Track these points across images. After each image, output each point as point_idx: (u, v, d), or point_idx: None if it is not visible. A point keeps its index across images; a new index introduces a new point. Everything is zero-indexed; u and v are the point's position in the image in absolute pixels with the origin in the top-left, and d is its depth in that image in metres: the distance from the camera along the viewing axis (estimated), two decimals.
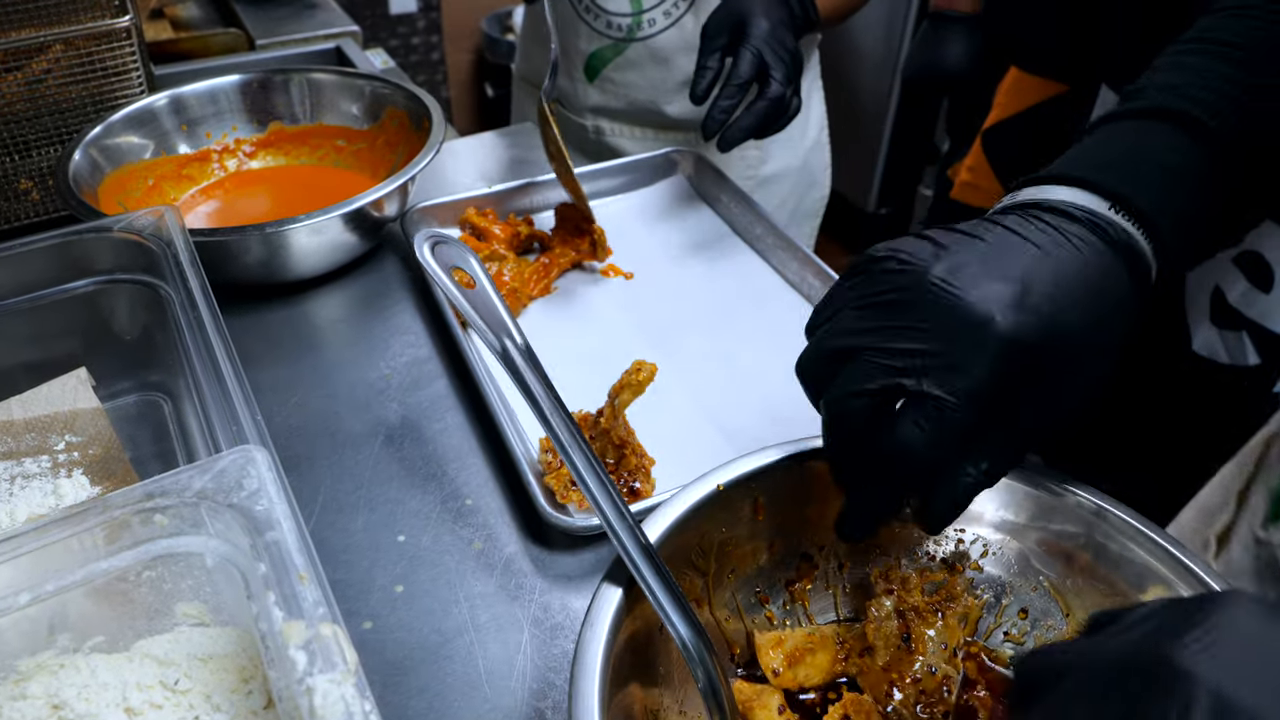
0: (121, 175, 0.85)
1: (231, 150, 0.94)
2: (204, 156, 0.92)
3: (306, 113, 0.95)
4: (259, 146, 0.95)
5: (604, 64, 1.03)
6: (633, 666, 0.43)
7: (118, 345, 0.66)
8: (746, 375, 0.70)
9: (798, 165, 1.11)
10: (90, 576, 0.41)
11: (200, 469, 0.43)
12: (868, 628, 0.50)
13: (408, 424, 0.66)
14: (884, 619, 0.50)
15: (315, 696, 0.33)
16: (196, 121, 0.93)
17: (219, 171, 0.93)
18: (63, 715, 0.40)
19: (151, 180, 0.88)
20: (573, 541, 0.57)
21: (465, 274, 0.56)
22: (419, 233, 0.58)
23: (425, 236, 0.58)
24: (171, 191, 0.90)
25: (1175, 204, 0.44)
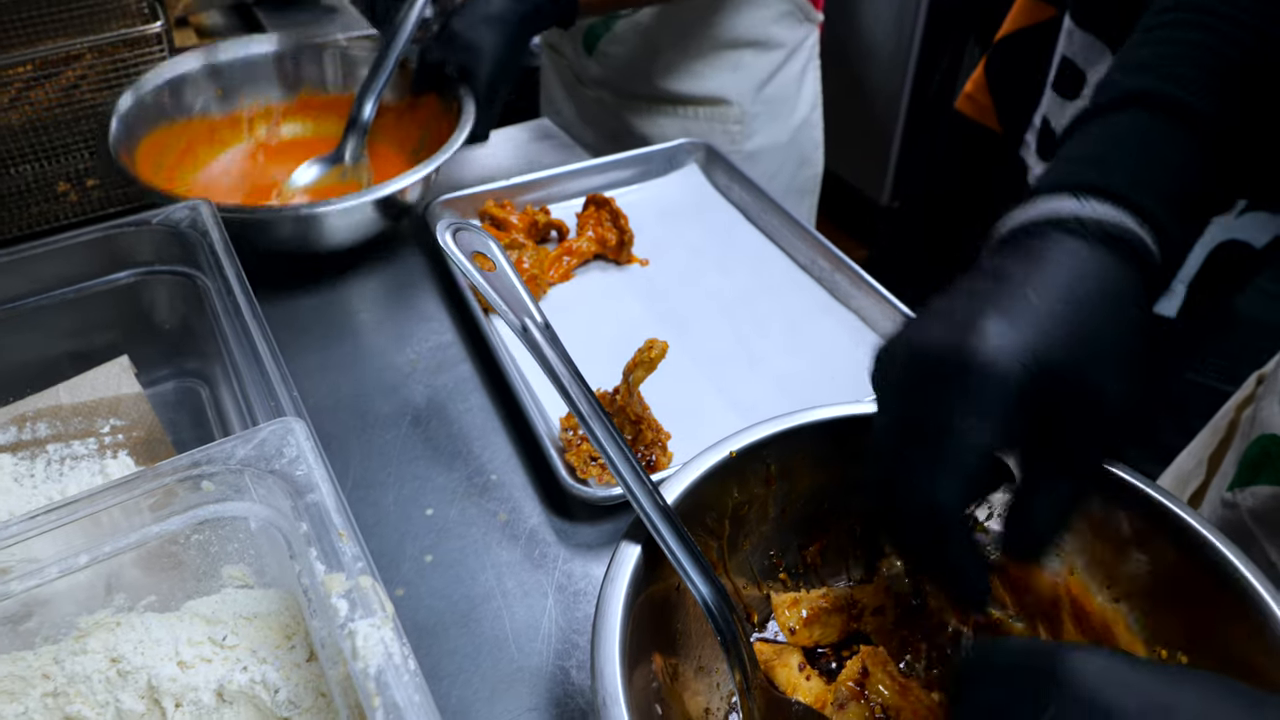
0: (157, 138, 0.88)
1: (263, 116, 0.97)
2: (235, 121, 0.95)
3: (337, 81, 0.98)
4: (289, 113, 0.97)
5: (597, 39, 1.07)
6: (652, 626, 0.46)
7: (157, 334, 0.69)
8: (759, 353, 0.72)
9: (784, 141, 1.14)
10: (143, 540, 0.44)
11: (243, 439, 0.46)
12: (880, 587, 0.52)
13: (433, 405, 0.68)
14: (895, 578, 0.52)
15: (357, 639, 0.36)
16: (230, 87, 0.96)
17: (249, 138, 0.96)
18: (121, 667, 0.43)
19: (184, 143, 0.91)
20: (593, 513, 0.60)
21: (486, 258, 0.59)
22: (441, 221, 0.61)
23: (447, 225, 0.60)
24: (204, 155, 0.93)
25: (1181, 203, 0.44)
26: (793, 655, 0.50)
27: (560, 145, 1.03)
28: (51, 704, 0.42)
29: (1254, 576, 0.42)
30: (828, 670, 0.51)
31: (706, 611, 0.44)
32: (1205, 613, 0.44)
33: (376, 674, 0.35)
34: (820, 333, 0.75)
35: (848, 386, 0.69)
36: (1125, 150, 0.45)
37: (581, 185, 0.90)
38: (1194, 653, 0.44)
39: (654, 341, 0.60)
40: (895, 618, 0.52)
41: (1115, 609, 0.47)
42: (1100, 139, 0.47)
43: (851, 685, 0.47)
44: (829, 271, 0.79)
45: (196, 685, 0.42)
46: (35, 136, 0.88)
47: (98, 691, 0.42)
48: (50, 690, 0.42)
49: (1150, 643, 0.45)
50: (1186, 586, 0.44)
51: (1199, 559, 0.43)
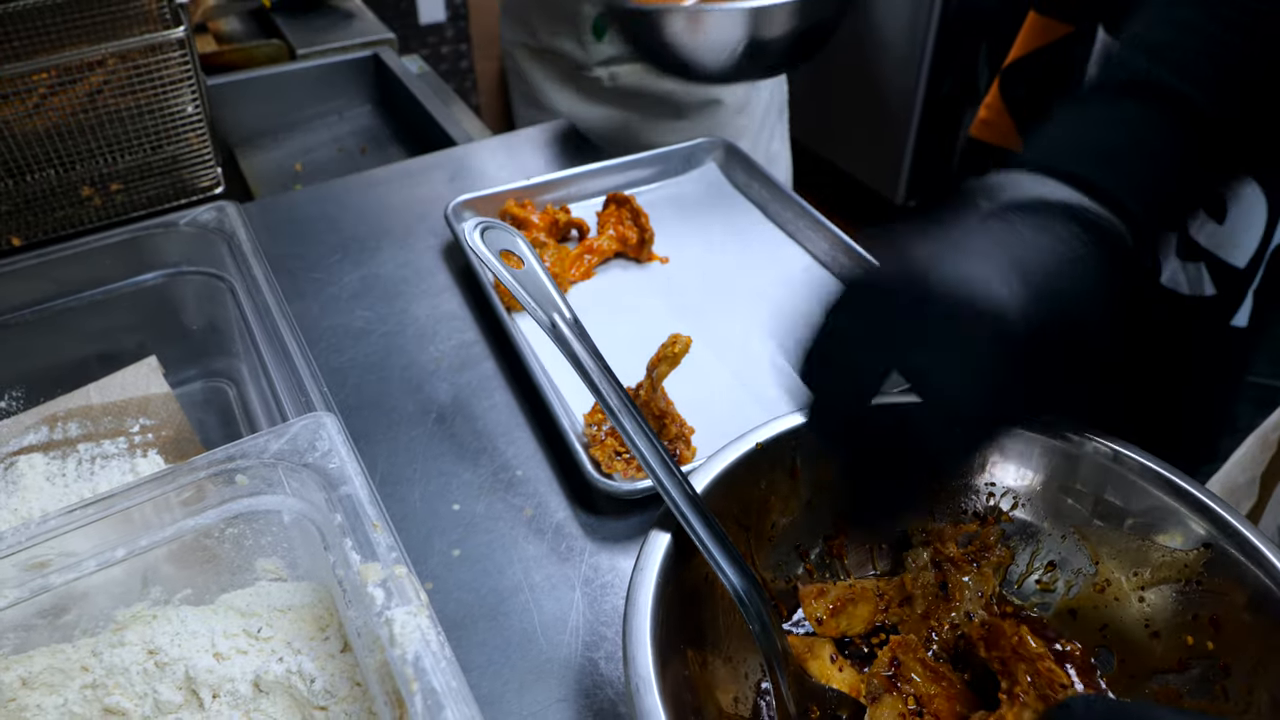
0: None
1: None
2: None
3: None
4: None
5: (608, 24, 1.07)
6: (680, 617, 0.46)
7: (185, 335, 0.70)
8: (781, 348, 0.72)
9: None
10: (178, 534, 0.45)
11: (276, 434, 0.46)
12: (906, 578, 0.52)
13: (458, 403, 0.69)
14: (921, 569, 0.52)
15: (394, 626, 0.36)
16: None
17: None
18: (158, 659, 0.43)
19: None
20: (619, 507, 0.60)
21: (513, 256, 0.59)
22: (467, 221, 0.61)
23: (475, 224, 0.61)
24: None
25: (1157, 191, 0.45)
26: (824, 646, 0.50)
27: (579, 145, 1.03)
28: (90, 695, 0.43)
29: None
30: (859, 656, 0.51)
31: (738, 600, 0.44)
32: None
33: (414, 660, 0.35)
34: None
35: None
36: (1114, 141, 0.45)
37: (601, 184, 0.90)
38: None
39: (677, 336, 0.60)
40: (923, 609, 0.52)
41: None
42: (1091, 124, 0.47)
43: (884, 675, 0.47)
44: (848, 267, 0.79)
45: (233, 676, 0.43)
46: (59, 142, 0.89)
47: (136, 683, 0.43)
48: (89, 682, 0.43)
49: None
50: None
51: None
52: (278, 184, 1.23)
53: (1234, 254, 0.73)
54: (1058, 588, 0.51)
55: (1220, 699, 0.43)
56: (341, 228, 0.89)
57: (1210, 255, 0.74)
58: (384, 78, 1.35)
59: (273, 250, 0.86)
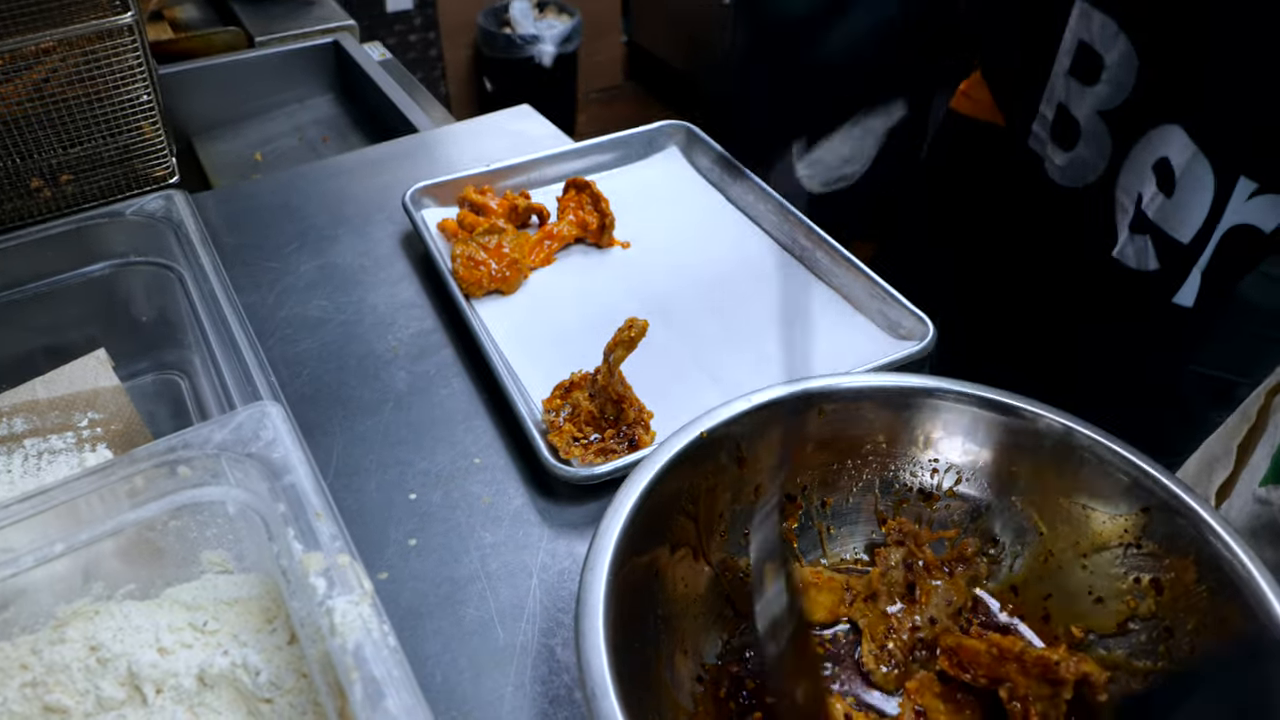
0: None
1: None
2: None
3: None
4: None
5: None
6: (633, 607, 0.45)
7: (134, 327, 0.69)
8: (739, 329, 0.72)
9: None
10: (120, 527, 0.44)
11: (219, 423, 0.45)
12: (874, 574, 0.52)
13: (415, 391, 0.68)
14: (891, 568, 0.52)
15: (335, 615, 0.36)
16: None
17: None
18: (100, 655, 0.42)
19: None
20: (576, 493, 0.60)
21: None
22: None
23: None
24: None
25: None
26: (836, 703, 0.48)
27: (540, 131, 1.02)
28: (30, 694, 0.42)
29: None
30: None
31: None
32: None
33: (355, 649, 0.35)
34: (801, 310, 0.75)
35: (828, 363, 0.69)
36: None
37: (561, 170, 0.90)
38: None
39: (633, 320, 0.59)
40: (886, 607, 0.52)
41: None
42: None
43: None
44: (810, 250, 0.79)
45: (177, 671, 0.42)
46: (6, 133, 0.87)
47: (77, 680, 0.42)
48: (29, 680, 0.42)
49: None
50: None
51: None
52: (237, 175, 1.21)
53: (1179, 229, 0.73)
54: (1003, 563, 0.51)
55: (1165, 660, 0.43)
56: (299, 217, 0.88)
57: (1156, 229, 0.74)
58: (345, 65, 1.33)
59: (229, 240, 0.84)
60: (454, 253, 0.76)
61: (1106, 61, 0.73)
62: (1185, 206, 0.71)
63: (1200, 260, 0.74)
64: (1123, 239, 0.76)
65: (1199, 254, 0.73)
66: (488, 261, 0.75)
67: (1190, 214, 0.72)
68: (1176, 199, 0.71)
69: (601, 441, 0.61)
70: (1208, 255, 0.74)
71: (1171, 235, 0.73)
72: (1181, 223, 0.72)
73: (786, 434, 0.53)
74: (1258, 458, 0.68)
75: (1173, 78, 0.70)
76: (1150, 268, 0.75)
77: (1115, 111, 0.74)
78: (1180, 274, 0.75)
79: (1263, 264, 0.79)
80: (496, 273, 0.75)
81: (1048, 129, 0.80)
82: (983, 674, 0.45)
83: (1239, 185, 0.71)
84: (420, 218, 0.81)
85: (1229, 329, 0.84)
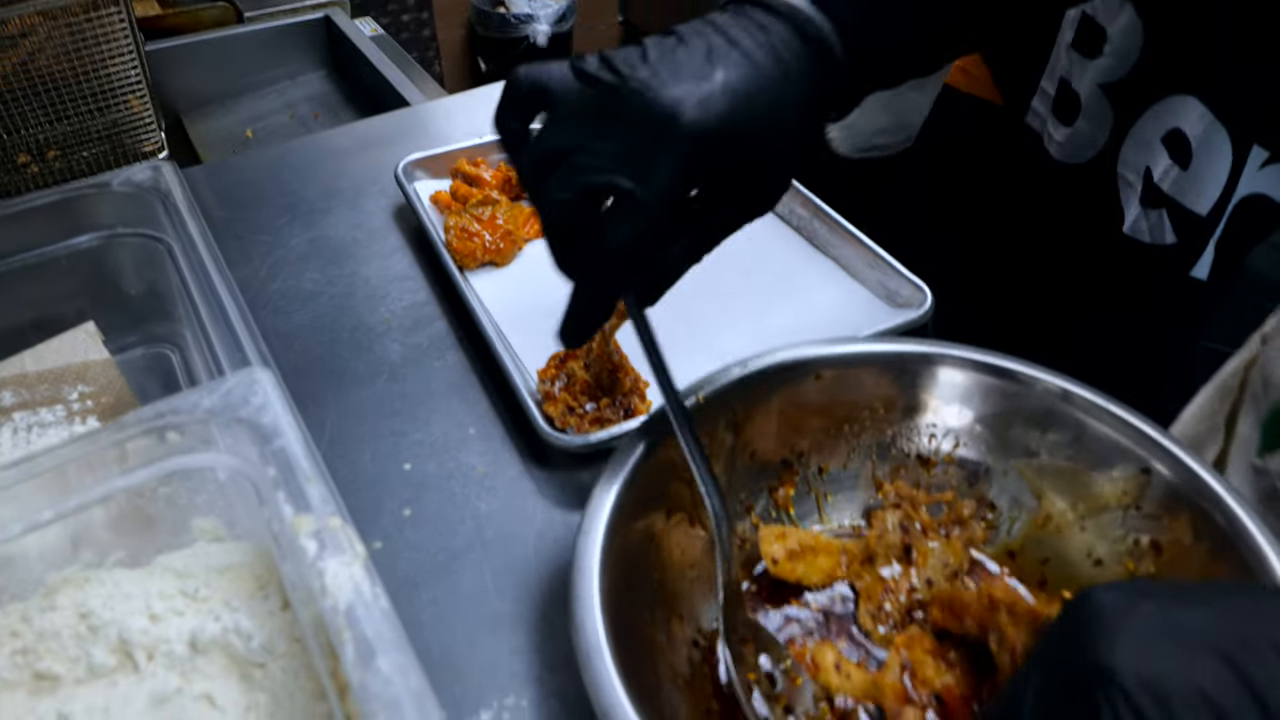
0: None
1: None
2: None
3: None
4: None
5: None
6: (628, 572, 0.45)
7: (124, 300, 0.68)
8: (736, 299, 0.71)
9: None
10: (109, 494, 0.43)
11: (208, 389, 0.45)
12: (871, 538, 0.52)
13: (409, 362, 0.67)
14: (888, 531, 0.52)
15: (326, 577, 0.35)
16: None
17: None
18: (90, 623, 0.42)
19: None
20: (572, 461, 0.59)
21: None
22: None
23: None
24: None
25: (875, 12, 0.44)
26: (826, 652, 0.47)
27: None
28: (21, 661, 0.41)
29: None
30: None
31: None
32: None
33: (346, 610, 0.34)
34: (799, 281, 0.74)
35: (826, 332, 0.68)
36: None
37: None
38: None
39: None
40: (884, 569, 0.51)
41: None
42: None
43: (899, 683, 0.46)
44: (808, 220, 0.78)
45: (169, 637, 0.41)
46: None
47: (68, 647, 0.41)
48: (19, 648, 0.42)
49: None
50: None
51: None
52: (228, 152, 1.20)
53: (1197, 201, 0.72)
54: (1000, 528, 0.50)
55: None
56: (290, 190, 0.87)
57: (1172, 202, 0.73)
58: (336, 41, 1.31)
59: (219, 214, 0.84)
60: (447, 224, 0.75)
61: (1109, 33, 0.72)
62: (1202, 178, 0.71)
63: (1215, 232, 0.74)
64: (1134, 214, 0.75)
65: (1215, 226, 0.73)
66: (481, 233, 0.74)
67: (1207, 185, 0.71)
68: (1193, 171, 0.70)
69: (597, 411, 0.60)
70: (1221, 227, 0.73)
71: (1189, 208, 0.72)
72: (1199, 195, 0.71)
73: (783, 400, 0.52)
74: (1245, 429, 0.67)
75: (1180, 47, 0.69)
76: (1167, 241, 0.74)
77: (1117, 84, 0.73)
78: (1198, 247, 0.74)
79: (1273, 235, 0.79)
80: (490, 244, 0.74)
81: (1048, 104, 0.79)
82: (973, 622, 0.45)
83: (1251, 154, 0.70)
84: (413, 190, 0.80)
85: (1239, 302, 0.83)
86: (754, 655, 0.46)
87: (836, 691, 0.45)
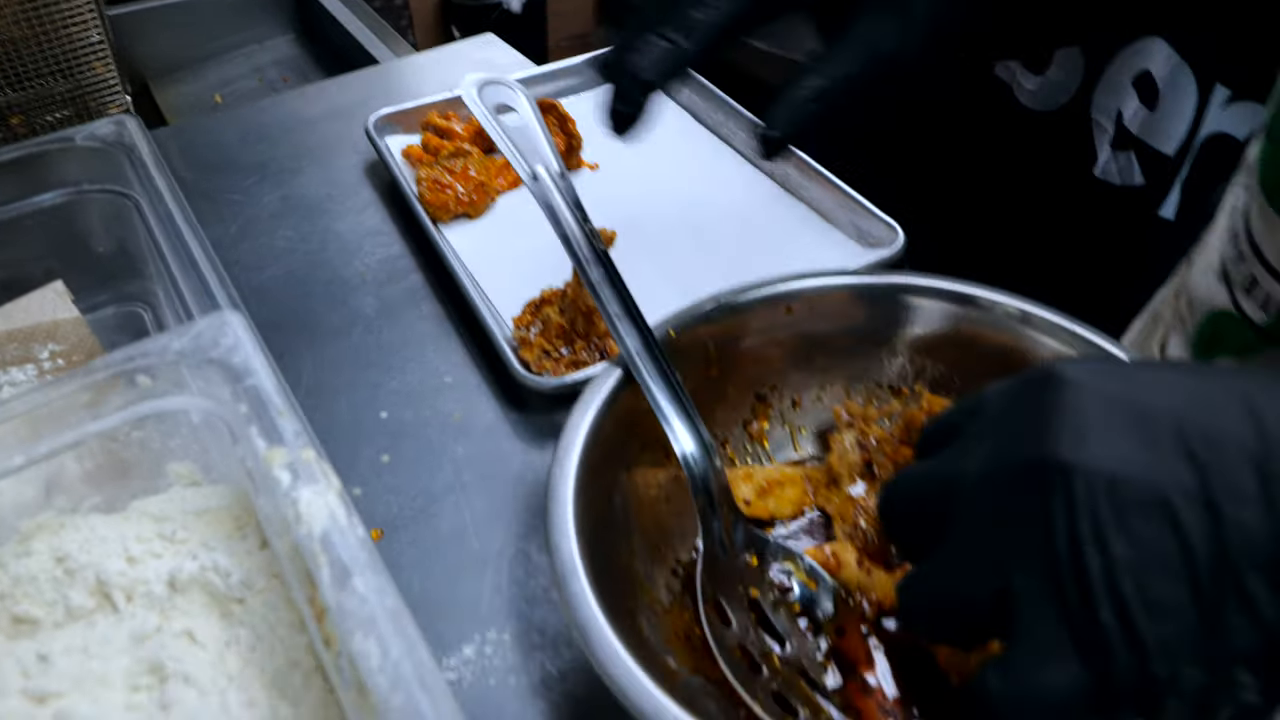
0: None
1: None
2: None
3: None
4: None
5: None
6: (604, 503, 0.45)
7: (93, 258, 0.67)
8: (710, 244, 0.71)
9: None
10: (81, 438, 0.43)
11: (178, 333, 0.44)
12: (832, 460, 0.52)
13: (384, 314, 0.67)
14: (846, 451, 0.52)
15: (300, 505, 0.36)
16: None
17: None
18: (67, 566, 0.42)
19: None
20: (549, 404, 0.59)
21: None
22: (467, 77, 0.62)
23: (473, 81, 0.62)
24: None
25: None
26: (848, 551, 0.48)
27: (506, 60, 1.00)
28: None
29: None
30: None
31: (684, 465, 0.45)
32: None
33: (322, 536, 0.35)
34: (772, 223, 0.74)
35: None
36: None
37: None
38: None
39: (599, 230, 0.59)
40: (850, 488, 0.52)
41: None
42: None
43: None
44: (779, 164, 0.78)
45: (147, 578, 0.42)
46: None
47: (45, 591, 0.41)
48: None
49: None
50: None
51: None
52: (196, 117, 1.18)
53: (1164, 141, 0.73)
54: None
55: None
56: (259, 150, 0.86)
57: (1140, 143, 0.74)
58: (305, 3, 1.29)
59: (187, 175, 0.83)
60: (419, 176, 0.75)
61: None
62: (1168, 117, 0.71)
63: (1181, 172, 0.74)
64: (1104, 157, 0.75)
65: (1181, 166, 0.74)
66: (454, 185, 0.74)
67: (1173, 125, 0.72)
68: (1160, 110, 0.71)
69: (573, 354, 0.60)
70: (1187, 167, 0.74)
71: (1155, 148, 0.73)
72: (1165, 135, 0.72)
73: (755, 334, 0.53)
74: (1175, 352, 0.68)
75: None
76: (1136, 183, 0.75)
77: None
78: (1165, 186, 0.75)
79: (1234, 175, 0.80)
80: (463, 195, 0.74)
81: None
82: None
83: (1215, 93, 0.70)
84: (384, 145, 0.80)
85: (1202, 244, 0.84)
86: (761, 569, 0.46)
87: (857, 588, 0.45)
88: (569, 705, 0.45)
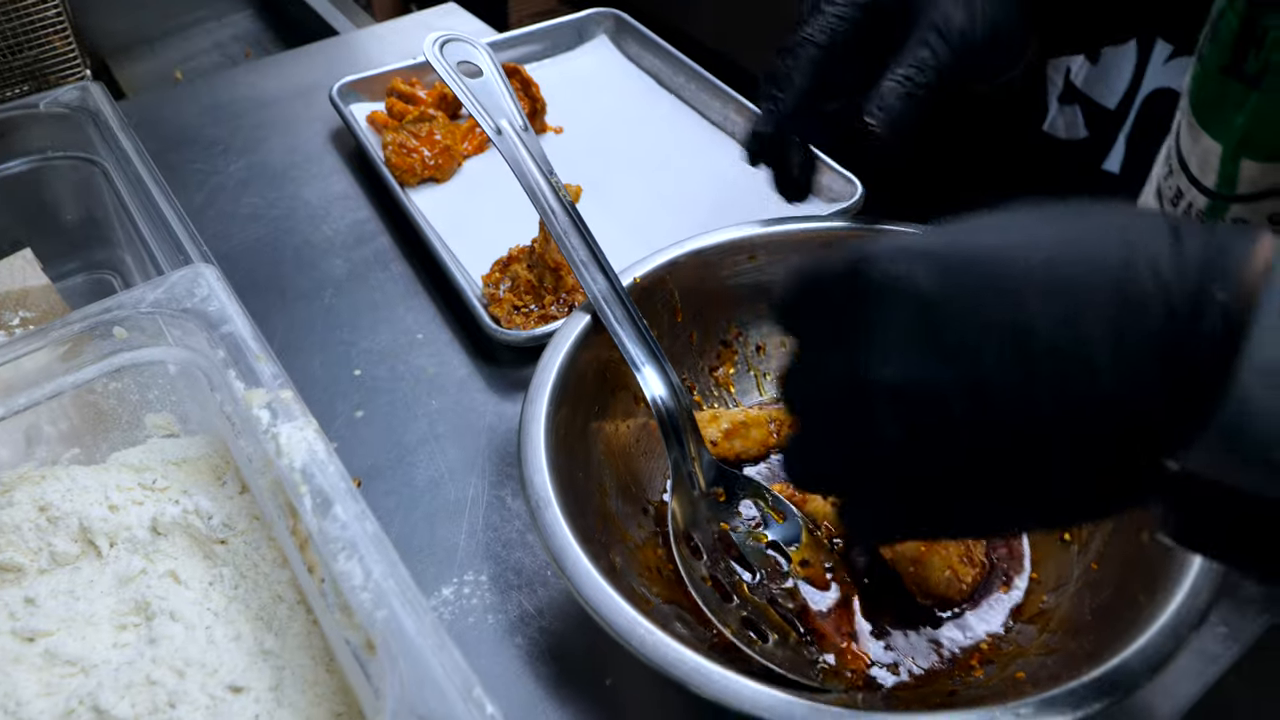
0: None
1: None
2: None
3: None
4: None
5: None
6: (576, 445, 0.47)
7: (61, 227, 0.67)
8: (673, 202, 0.73)
9: None
10: (58, 390, 0.44)
11: (153, 285, 0.45)
12: None
13: (354, 276, 0.68)
14: None
15: (280, 439, 0.37)
16: None
17: None
18: (50, 514, 0.43)
19: None
20: (520, 358, 0.61)
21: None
22: (429, 36, 0.61)
23: (434, 38, 0.61)
24: None
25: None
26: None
27: (469, 28, 1.01)
28: None
29: None
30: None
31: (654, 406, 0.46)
32: None
33: (302, 467, 0.36)
34: (736, 184, 0.75)
35: None
36: None
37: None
38: None
39: (565, 185, 0.60)
40: None
41: None
42: None
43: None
44: (743, 126, 0.80)
45: (129, 524, 0.43)
46: None
47: (29, 539, 0.42)
48: None
49: None
50: None
51: None
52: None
53: (1106, 95, 0.75)
54: None
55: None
56: (224, 120, 0.86)
57: (1084, 97, 0.76)
58: None
59: (152, 146, 0.81)
60: (385, 141, 0.75)
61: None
62: (1110, 73, 0.73)
63: (1125, 126, 0.77)
64: (1053, 111, 0.78)
65: (1124, 119, 0.76)
66: (420, 149, 0.75)
67: (1115, 80, 0.74)
68: (1102, 65, 0.73)
69: (541, 309, 0.62)
70: (1130, 121, 0.76)
71: (1099, 102, 0.75)
72: (1108, 89, 0.74)
73: (719, 281, 0.54)
74: None
75: None
76: (1080, 136, 0.77)
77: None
78: (1108, 140, 0.77)
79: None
80: (430, 160, 0.75)
81: None
82: None
83: (1156, 50, 0.73)
84: (349, 111, 0.80)
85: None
86: (730, 504, 0.48)
87: (824, 520, 0.48)
88: (545, 639, 0.46)
